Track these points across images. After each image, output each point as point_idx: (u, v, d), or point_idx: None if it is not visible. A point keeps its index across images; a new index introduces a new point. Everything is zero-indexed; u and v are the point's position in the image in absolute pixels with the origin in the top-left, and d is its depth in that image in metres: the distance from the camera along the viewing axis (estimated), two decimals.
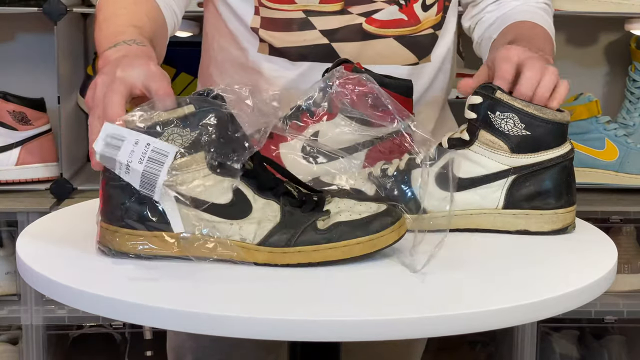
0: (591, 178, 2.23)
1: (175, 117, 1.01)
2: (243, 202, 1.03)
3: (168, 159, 0.99)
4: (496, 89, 1.16)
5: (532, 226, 1.16)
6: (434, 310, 0.92)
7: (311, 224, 1.03)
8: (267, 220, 1.03)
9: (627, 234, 2.27)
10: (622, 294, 2.21)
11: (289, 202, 1.05)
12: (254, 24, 1.43)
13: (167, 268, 1.02)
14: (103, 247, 1.05)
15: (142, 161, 0.99)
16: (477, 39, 1.51)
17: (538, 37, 1.36)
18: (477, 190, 1.16)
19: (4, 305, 2.12)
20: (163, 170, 0.99)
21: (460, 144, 1.17)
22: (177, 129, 1.01)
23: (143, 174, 0.99)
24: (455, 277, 1.03)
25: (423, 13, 1.44)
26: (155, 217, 1.02)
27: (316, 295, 0.96)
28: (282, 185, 1.06)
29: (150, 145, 0.99)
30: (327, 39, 1.41)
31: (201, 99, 1.04)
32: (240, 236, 1.02)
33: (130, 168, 0.99)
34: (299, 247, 1.02)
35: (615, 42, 2.51)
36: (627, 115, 2.33)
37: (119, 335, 2.34)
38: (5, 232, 2.20)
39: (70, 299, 0.97)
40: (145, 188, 1.00)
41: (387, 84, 1.26)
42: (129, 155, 0.99)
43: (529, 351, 2.19)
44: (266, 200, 1.04)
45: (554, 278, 1.03)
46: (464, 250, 1.11)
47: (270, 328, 0.89)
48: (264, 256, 1.02)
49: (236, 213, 1.02)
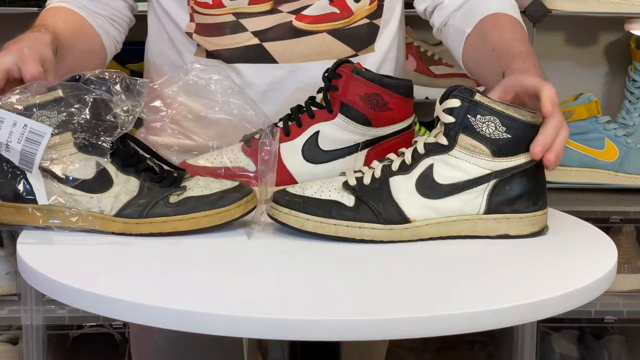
0: (591, 178, 2.23)
1: (45, 100, 1.12)
2: (104, 177, 1.13)
3: (44, 139, 1.10)
4: (475, 91, 1.13)
5: (512, 230, 1.15)
6: (433, 309, 0.92)
7: (164, 198, 1.13)
8: (124, 194, 1.13)
9: (627, 234, 2.27)
10: (622, 294, 2.21)
11: (150, 178, 1.15)
12: (188, 29, 1.43)
13: (167, 268, 1.03)
14: None
15: (20, 141, 1.10)
16: (438, 24, 1.47)
17: (526, 43, 1.32)
18: (459, 197, 1.13)
19: (4, 305, 2.13)
20: (40, 149, 1.10)
21: (438, 148, 1.13)
22: (45, 112, 1.11)
23: (22, 153, 1.10)
24: (455, 277, 1.03)
25: (355, 4, 1.42)
26: (24, 191, 1.12)
27: (316, 295, 0.96)
28: (144, 163, 1.16)
29: (27, 126, 1.10)
30: (259, 39, 1.41)
31: (70, 84, 1.13)
32: (99, 208, 1.13)
33: (9, 147, 1.10)
34: (150, 218, 1.12)
35: (615, 42, 2.51)
36: (627, 115, 2.33)
37: (119, 335, 2.34)
38: (5, 232, 2.20)
39: (70, 299, 0.97)
40: (24, 165, 1.11)
41: (386, 84, 1.26)
42: (8, 135, 1.10)
43: (528, 351, 2.19)
44: (127, 176, 1.14)
45: (553, 278, 1.03)
46: (462, 252, 1.11)
47: (270, 328, 0.89)
48: (119, 226, 1.12)
49: (97, 187, 1.13)
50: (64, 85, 1.13)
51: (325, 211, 1.11)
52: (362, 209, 1.11)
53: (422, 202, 1.12)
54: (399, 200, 1.12)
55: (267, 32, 1.41)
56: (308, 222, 1.11)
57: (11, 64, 1.18)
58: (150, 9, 1.50)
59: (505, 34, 1.34)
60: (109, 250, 1.09)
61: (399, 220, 1.11)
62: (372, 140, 1.27)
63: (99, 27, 1.44)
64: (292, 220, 1.11)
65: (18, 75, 1.18)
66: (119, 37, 1.50)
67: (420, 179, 1.13)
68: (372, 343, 1.60)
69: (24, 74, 1.17)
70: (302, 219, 1.11)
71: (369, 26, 1.45)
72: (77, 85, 1.13)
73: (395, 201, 1.12)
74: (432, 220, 1.12)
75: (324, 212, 1.11)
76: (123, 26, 1.50)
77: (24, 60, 1.18)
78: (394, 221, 1.11)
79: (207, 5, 1.41)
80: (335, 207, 1.11)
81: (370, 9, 1.44)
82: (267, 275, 1.01)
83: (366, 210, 1.11)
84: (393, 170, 1.13)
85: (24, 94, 1.13)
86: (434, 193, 1.12)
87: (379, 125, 1.26)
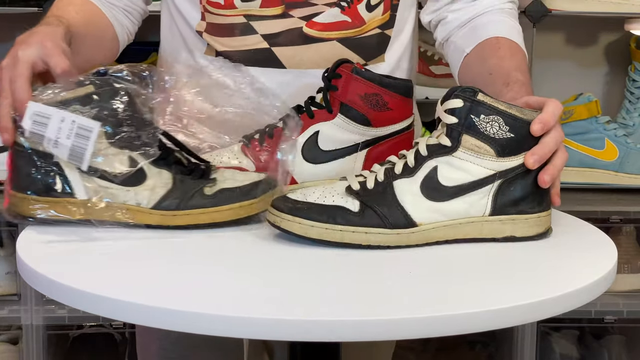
0: (591, 178, 2.23)
1: (78, 95, 1.13)
2: (138, 170, 1.14)
3: (93, 134, 1.11)
4: (477, 91, 1.12)
5: (518, 231, 1.14)
6: (434, 310, 0.92)
7: (199, 190, 1.15)
8: (160, 187, 1.15)
9: (627, 234, 2.27)
10: (622, 294, 2.21)
11: (180, 171, 1.17)
12: (199, 28, 1.43)
13: (166, 268, 1.03)
14: (10, 213, 1.15)
15: (69, 137, 1.11)
16: (440, 39, 1.47)
17: (524, 73, 1.31)
18: (464, 198, 1.11)
19: (4, 305, 2.13)
20: (90, 144, 1.11)
21: (442, 150, 1.11)
22: (79, 106, 1.12)
23: (72, 149, 1.11)
24: (455, 277, 1.03)
25: (368, 14, 1.42)
26: (60, 185, 1.13)
27: (316, 295, 0.96)
28: (173, 155, 1.18)
29: (75, 122, 1.11)
30: (268, 43, 1.40)
31: (100, 79, 1.15)
32: (136, 201, 1.14)
33: (58, 143, 1.11)
34: (188, 210, 1.14)
35: (615, 42, 2.52)
36: (627, 115, 2.33)
37: (119, 335, 2.34)
38: (5, 232, 2.20)
39: (70, 299, 0.97)
40: (73, 160, 1.12)
41: (387, 84, 1.26)
42: (57, 131, 1.11)
43: (529, 351, 2.19)
44: (159, 169, 1.15)
45: (553, 278, 1.03)
46: (462, 252, 1.11)
47: (270, 328, 0.89)
48: (156, 219, 1.14)
49: (132, 181, 1.14)
50: (94, 80, 1.14)
51: (330, 217, 1.08)
52: (368, 214, 1.09)
53: (428, 205, 1.10)
54: (404, 203, 1.10)
55: (277, 37, 1.40)
56: (312, 229, 1.08)
57: (35, 57, 1.17)
58: (164, 6, 1.51)
59: (504, 62, 1.34)
60: (109, 251, 1.09)
61: (405, 224, 1.09)
62: (371, 140, 1.27)
63: (112, 17, 1.44)
64: (296, 227, 1.08)
65: (42, 69, 1.17)
66: (132, 29, 1.50)
67: (425, 181, 1.11)
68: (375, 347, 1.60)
69: (54, 68, 1.16)
70: (307, 226, 1.08)
71: (380, 36, 1.44)
72: (107, 79, 1.14)
73: (401, 205, 1.10)
74: (439, 224, 1.11)
75: (328, 218, 1.08)
76: (137, 17, 1.50)
77: (49, 54, 1.17)
78: (400, 225, 1.09)
79: (219, 6, 1.41)
80: (340, 213, 1.08)
81: (383, 19, 1.44)
82: (266, 276, 1.01)
83: (372, 215, 1.09)
84: (396, 173, 1.11)
85: (56, 89, 1.13)
86: (439, 195, 1.11)
87: (379, 125, 1.26)
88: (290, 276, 1.01)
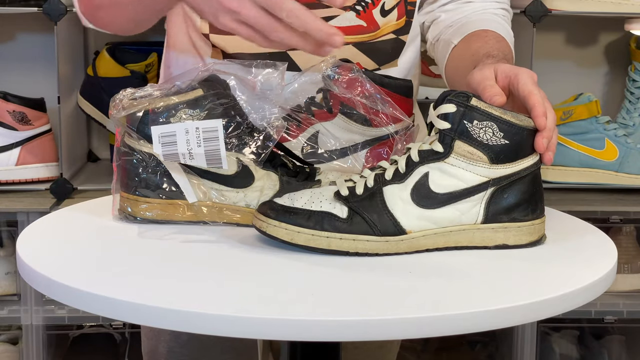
0: (591, 178, 2.23)
1: (188, 99, 1.14)
2: (247, 173, 1.16)
3: (219, 132, 1.13)
4: (471, 96, 1.09)
5: (510, 239, 1.11)
6: (434, 310, 0.92)
7: None
8: (269, 188, 1.17)
9: (627, 234, 2.27)
10: (622, 294, 2.21)
11: (286, 173, 1.18)
12: (204, 30, 1.41)
13: (166, 267, 1.03)
14: (122, 213, 1.18)
15: (200, 144, 1.13)
16: (431, 38, 1.47)
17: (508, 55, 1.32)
18: (456, 206, 1.08)
19: (4, 305, 2.13)
20: (221, 143, 1.13)
21: (433, 156, 1.09)
22: (188, 110, 1.14)
23: (206, 154, 1.13)
24: (455, 277, 1.03)
25: (382, 18, 1.41)
26: (170, 187, 1.16)
27: (316, 295, 0.96)
28: (279, 158, 1.20)
29: (199, 128, 1.13)
30: None
31: (207, 83, 1.16)
32: (245, 202, 1.16)
33: (193, 154, 1.13)
34: None
35: (615, 42, 2.52)
36: (627, 115, 2.33)
37: (119, 335, 2.34)
38: (5, 232, 2.20)
39: (70, 299, 0.97)
40: (212, 164, 1.14)
41: (386, 84, 1.26)
42: (186, 144, 1.12)
43: (529, 351, 2.19)
44: (266, 172, 1.17)
45: (553, 278, 1.03)
46: (462, 253, 1.11)
47: (269, 328, 0.89)
48: None
49: (241, 182, 1.16)
50: (202, 84, 1.16)
51: (317, 223, 1.05)
52: (356, 221, 1.06)
53: (418, 213, 1.08)
54: (394, 210, 1.07)
55: None
56: (299, 235, 1.06)
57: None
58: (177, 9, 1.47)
59: (489, 43, 1.34)
60: (109, 251, 1.09)
61: (394, 231, 1.07)
62: (372, 140, 1.27)
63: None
64: (282, 233, 1.06)
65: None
66: None
67: (415, 188, 1.08)
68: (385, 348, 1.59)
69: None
70: (293, 232, 1.05)
71: (395, 41, 1.44)
72: (213, 84, 1.16)
73: (390, 212, 1.07)
74: (428, 232, 1.08)
75: (315, 224, 1.05)
76: None
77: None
78: (389, 233, 1.07)
79: None
80: (327, 219, 1.06)
81: (398, 25, 1.43)
82: (266, 276, 1.01)
83: (360, 222, 1.06)
84: (386, 179, 1.09)
85: (157, 98, 1.15)
86: (430, 203, 1.08)
87: (379, 125, 1.26)
88: (291, 276, 1.01)
